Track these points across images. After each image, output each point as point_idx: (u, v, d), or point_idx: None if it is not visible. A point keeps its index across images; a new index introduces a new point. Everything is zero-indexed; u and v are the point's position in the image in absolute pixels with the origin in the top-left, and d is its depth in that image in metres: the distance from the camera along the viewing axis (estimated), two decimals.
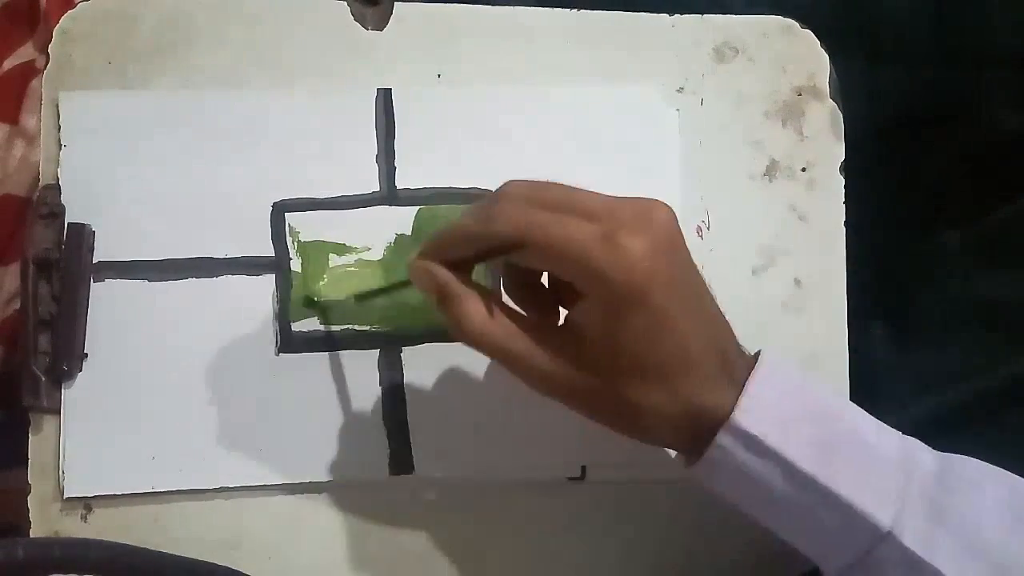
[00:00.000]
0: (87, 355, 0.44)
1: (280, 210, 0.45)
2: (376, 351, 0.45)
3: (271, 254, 0.45)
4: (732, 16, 0.49)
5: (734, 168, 0.48)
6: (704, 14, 0.49)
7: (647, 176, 0.47)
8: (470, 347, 0.37)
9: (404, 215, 0.46)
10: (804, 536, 0.37)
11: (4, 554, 0.29)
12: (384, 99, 0.46)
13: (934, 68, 0.51)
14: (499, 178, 0.46)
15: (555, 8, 0.48)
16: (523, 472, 0.45)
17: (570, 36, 0.48)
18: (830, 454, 0.36)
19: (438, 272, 0.37)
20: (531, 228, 0.35)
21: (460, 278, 0.37)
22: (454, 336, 0.37)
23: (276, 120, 0.46)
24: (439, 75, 0.47)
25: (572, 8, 0.48)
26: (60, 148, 0.45)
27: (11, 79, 0.57)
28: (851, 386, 0.47)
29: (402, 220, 0.46)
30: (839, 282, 0.48)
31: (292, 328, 0.45)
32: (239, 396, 0.44)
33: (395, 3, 0.47)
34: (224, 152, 0.45)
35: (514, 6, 0.48)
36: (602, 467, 0.45)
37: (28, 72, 0.57)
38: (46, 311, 0.43)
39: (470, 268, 0.38)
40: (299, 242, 0.45)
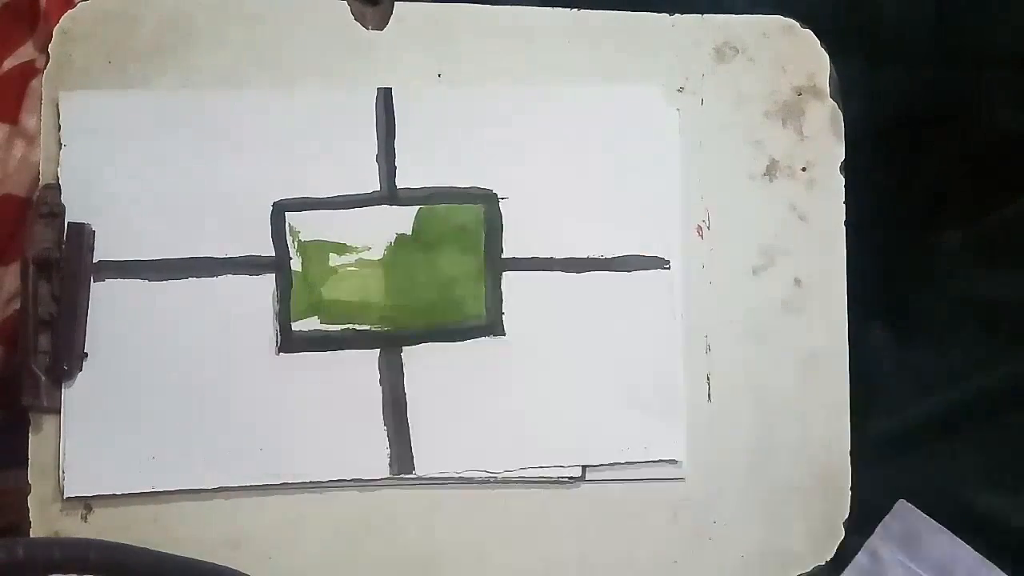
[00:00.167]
0: (87, 355, 0.44)
1: (280, 210, 0.45)
2: (376, 351, 0.45)
3: (271, 254, 0.45)
4: (732, 16, 0.49)
5: (734, 168, 0.48)
6: (704, 14, 0.49)
7: (647, 176, 0.47)
8: None
9: (404, 215, 0.46)
10: None
11: (4, 554, 0.29)
12: (384, 99, 0.46)
13: (934, 68, 0.51)
14: (499, 178, 0.47)
15: (555, 8, 0.48)
16: (523, 472, 0.45)
17: (570, 36, 0.48)
18: None
19: None
20: None
21: None
22: None
23: (276, 120, 0.46)
24: (439, 75, 0.47)
25: (572, 8, 0.48)
26: (60, 148, 0.45)
27: (11, 79, 0.57)
28: (851, 386, 0.47)
29: (402, 220, 0.46)
30: (839, 282, 0.48)
31: (292, 328, 0.45)
32: (239, 396, 0.44)
33: (395, 3, 0.47)
34: (224, 152, 0.45)
35: (514, 6, 0.48)
36: (602, 467, 0.45)
37: (28, 72, 0.57)
38: (46, 311, 0.43)
39: None
40: (299, 242, 0.45)
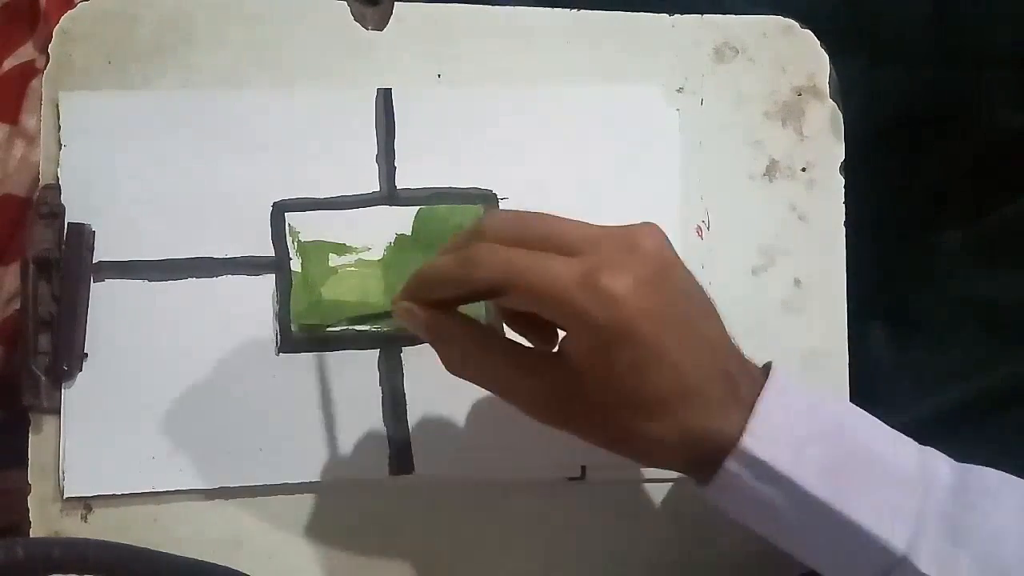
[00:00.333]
0: (87, 355, 0.44)
1: (280, 210, 0.45)
2: (376, 351, 0.45)
3: (271, 254, 0.45)
4: (732, 16, 0.49)
5: (734, 168, 0.48)
6: (704, 14, 0.49)
7: (647, 176, 0.47)
8: None
9: (404, 215, 0.46)
10: (818, 559, 0.37)
11: (4, 554, 0.29)
12: (384, 99, 0.46)
13: (934, 68, 0.51)
14: (499, 178, 0.47)
15: (555, 8, 0.48)
16: (523, 472, 0.45)
17: (570, 36, 0.48)
18: (842, 476, 0.34)
19: (419, 314, 0.37)
20: (510, 273, 0.34)
21: (446, 316, 0.37)
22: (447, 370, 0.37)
23: (276, 120, 0.46)
24: (439, 75, 0.47)
25: (572, 8, 0.48)
26: (60, 148, 0.45)
27: (11, 79, 0.57)
28: (851, 386, 0.47)
29: (402, 220, 0.46)
30: (839, 282, 0.48)
31: (292, 328, 0.45)
32: (239, 396, 0.44)
33: (395, 3, 0.47)
34: (224, 152, 0.45)
35: (514, 6, 0.48)
36: (602, 467, 0.45)
37: (28, 72, 0.57)
38: (46, 311, 0.43)
39: (455, 305, 0.38)
40: (299, 242, 0.45)
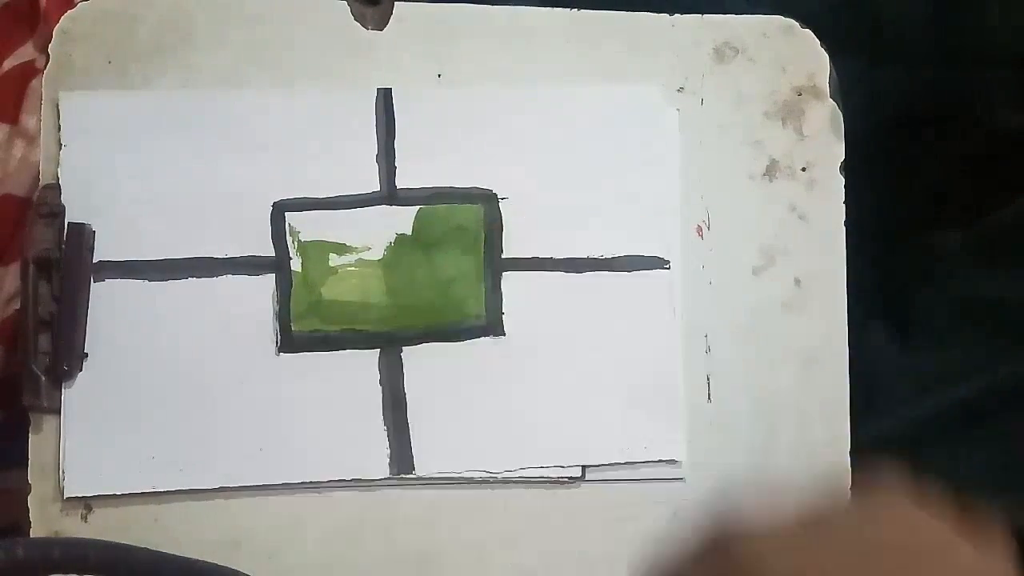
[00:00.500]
0: (87, 355, 0.44)
1: (280, 210, 0.45)
2: (376, 351, 0.45)
3: (271, 254, 0.45)
4: (732, 16, 0.49)
5: (734, 168, 0.48)
6: (704, 14, 0.49)
7: (647, 176, 0.47)
8: None
9: (404, 215, 0.46)
10: None
11: (4, 554, 0.29)
12: (384, 99, 0.46)
13: (934, 68, 0.51)
14: (499, 178, 0.47)
15: (555, 8, 0.48)
16: (523, 472, 0.45)
17: (570, 36, 0.48)
18: None
19: None
20: None
21: None
22: None
23: (276, 120, 0.46)
24: (439, 75, 0.47)
25: (572, 8, 0.48)
26: (60, 148, 0.44)
27: (11, 79, 0.57)
28: (851, 386, 0.47)
29: (402, 220, 0.46)
30: (839, 282, 0.48)
31: (292, 328, 0.45)
32: (239, 396, 0.44)
33: (395, 3, 0.47)
34: (224, 152, 0.45)
35: (514, 6, 0.48)
36: (602, 467, 0.45)
37: (28, 72, 0.57)
38: (46, 311, 0.43)
39: None
40: (299, 242, 0.45)
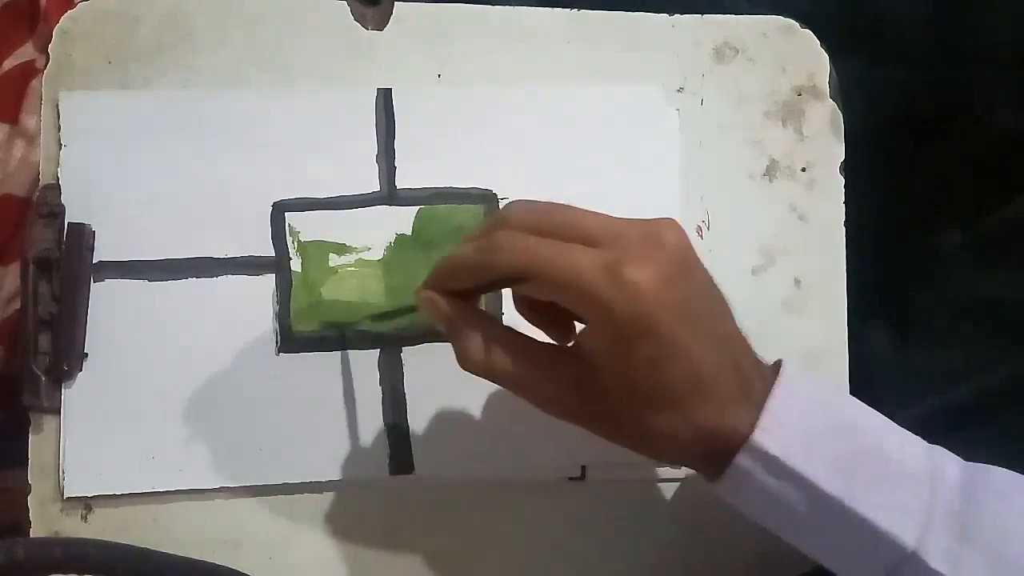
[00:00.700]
0: (87, 355, 0.44)
1: (280, 210, 0.45)
2: (376, 351, 0.45)
3: (271, 254, 0.45)
4: (732, 16, 0.49)
5: (734, 168, 0.48)
6: (704, 14, 0.49)
7: (647, 176, 0.47)
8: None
9: (404, 215, 0.46)
10: (828, 554, 0.37)
11: (4, 554, 0.29)
12: (384, 99, 0.46)
13: (934, 68, 0.51)
14: (499, 178, 0.47)
15: (555, 8, 0.48)
16: (523, 472, 0.45)
17: (570, 36, 0.48)
18: (853, 472, 0.35)
19: (441, 304, 0.37)
20: (533, 261, 0.34)
21: (465, 307, 0.37)
22: (460, 366, 0.37)
23: (276, 120, 0.46)
24: (439, 75, 0.47)
25: (572, 8, 0.48)
26: (60, 148, 0.45)
27: (11, 79, 0.57)
28: (851, 386, 0.47)
29: (402, 220, 0.46)
30: (839, 282, 0.48)
31: (292, 328, 0.45)
32: (239, 396, 0.44)
33: (395, 3, 0.47)
34: (224, 152, 0.45)
35: (514, 6, 0.48)
36: (602, 467, 0.45)
37: (28, 72, 0.57)
38: (46, 311, 0.43)
39: (477, 296, 0.38)
40: (299, 242, 0.45)
